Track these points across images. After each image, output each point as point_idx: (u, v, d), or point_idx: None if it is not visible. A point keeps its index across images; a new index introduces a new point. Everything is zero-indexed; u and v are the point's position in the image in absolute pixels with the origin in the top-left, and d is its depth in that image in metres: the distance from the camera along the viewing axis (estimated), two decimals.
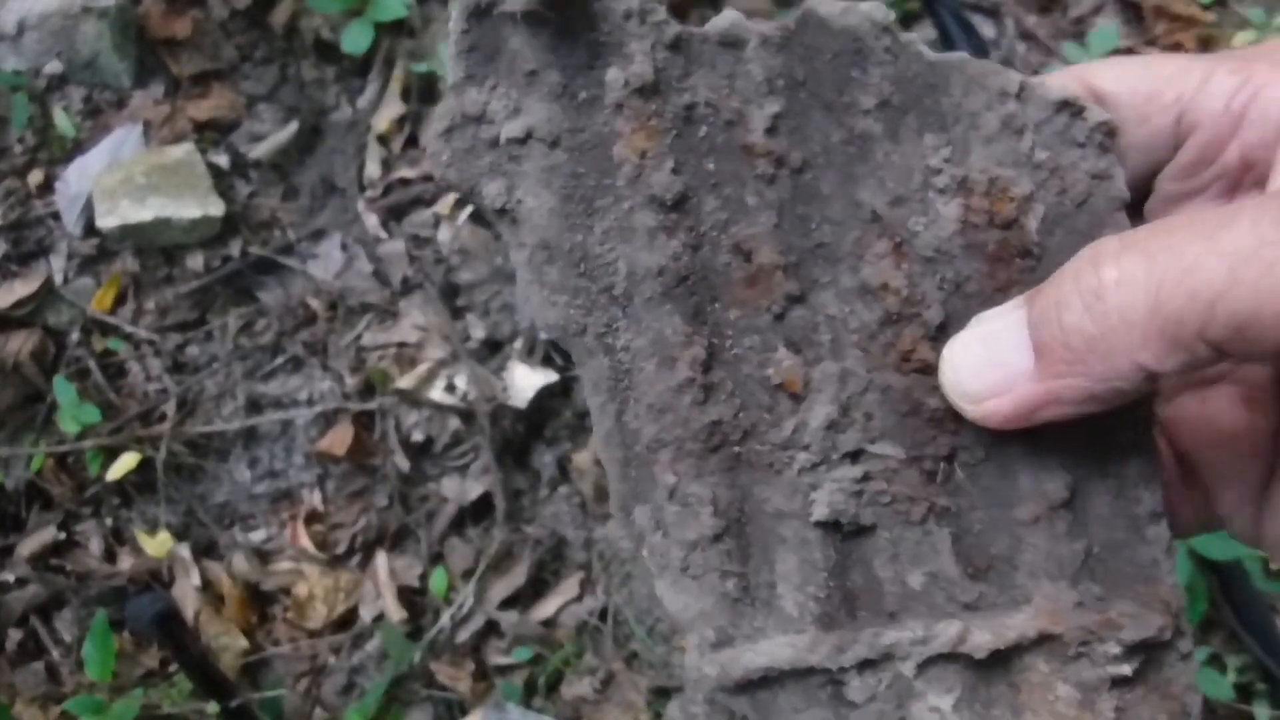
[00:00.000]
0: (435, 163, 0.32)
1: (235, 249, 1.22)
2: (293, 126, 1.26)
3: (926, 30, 1.26)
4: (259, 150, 1.25)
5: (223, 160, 1.24)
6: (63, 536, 1.15)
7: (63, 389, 1.11)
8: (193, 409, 1.18)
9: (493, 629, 1.12)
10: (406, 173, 1.26)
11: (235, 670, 1.09)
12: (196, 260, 1.21)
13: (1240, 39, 1.14)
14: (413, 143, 1.28)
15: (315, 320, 1.21)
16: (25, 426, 1.16)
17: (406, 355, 1.19)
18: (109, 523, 1.16)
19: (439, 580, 1.11)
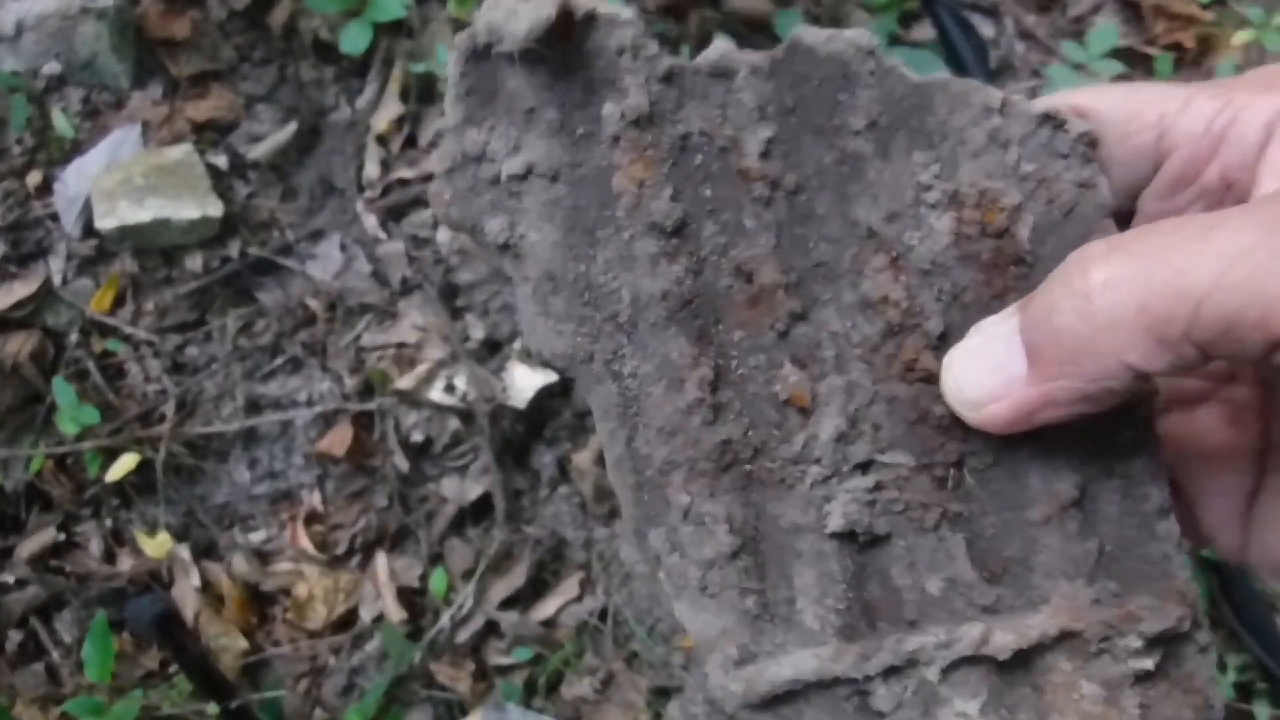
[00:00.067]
0: (438, 203, 0.32)
1: (234, 250, 1.22)
2: (291, 127, 1.26)
3: (925, 30, 1.26)
4: (258, 151, 1.25)
5: (221, 161, 1.24)
6: (62, 538, 1.15)
7: (62, 390, 1.11)
8: (192, 410, 1.18)
9: (493, 629, 1.12)
10: (405, 173, 1.26)
11: (235, 671, 1.09)
12: (195, 261, 1.21)
13: (1239, 38, 1.14)
14: (411, 143, 1.28)
15: (314, 321, 1.21)
16: (24, 428, 1.16)
17: (406, 356, 1.19)
18: (108, 524, 1.16)
19: (439, 581, 1.11)
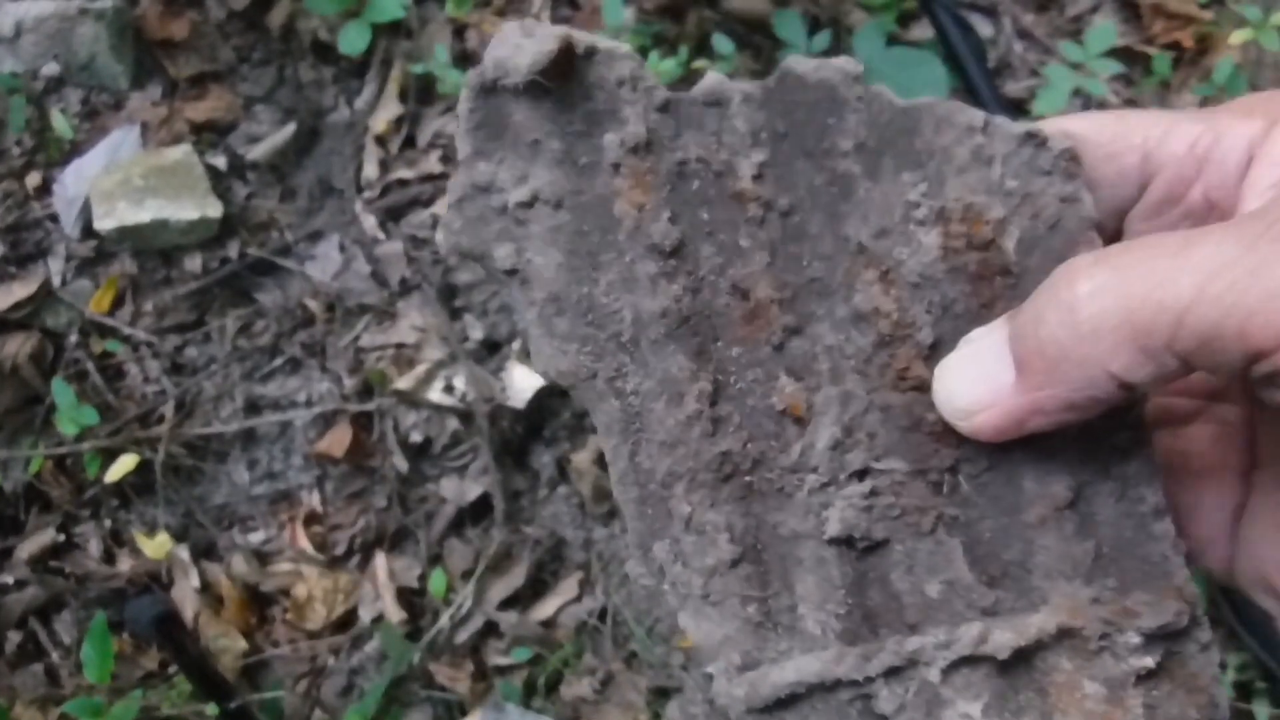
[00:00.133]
0: (449, 232, 0.33)
1: (233, 250, 1.22)
2: (290, 128, 1.26)
3: (924, 29, 1.26)
4: (257, 151, 1.25)
5: (220, 162, 1.24)
6: (61, 538, 1.15)
7: (61, 391, 1.11)
8: (191, 410, 1.18)
9: (492, 629, 1.12)
10: (404, 174, 1.26)
11: (234, 672, 1.09)
12: (194, 262, 1.21)
13: (1237, 37, 1.14)
14: (410, 144, 1.28)
15: (313, 321, 1.21)
16: (24, 429, 1.16)
17: (405, 356, 1.19)
18: (108, 524, 1.16)
19: (438, 581, 1.11)
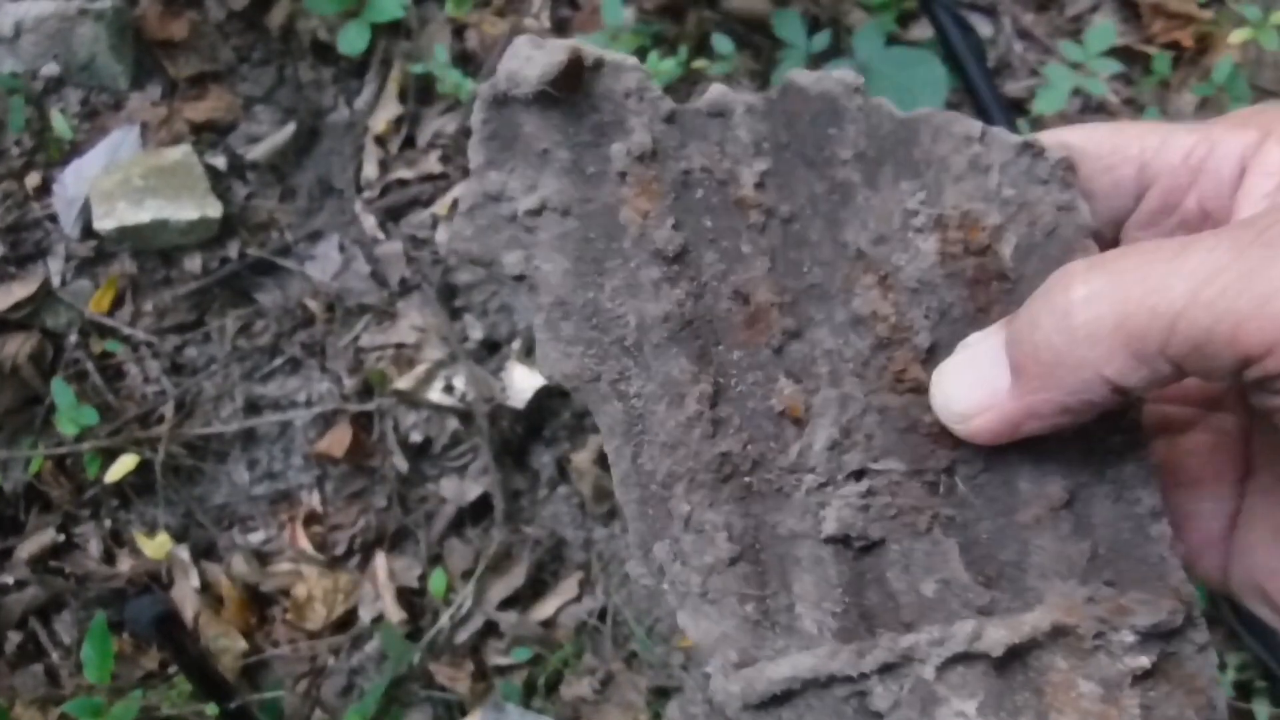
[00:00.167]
0: (459, 239, 0.34)
1: (233, 250, 1.22)
2: (290, 128, 1.26)
3: (924, 29, 1.26)
4: (256, 152, 1.25)
5: (220, 162, 1.24)
6: (61, 539, 1.15)
7: (61, 391, 1.11)
8: (191, 411, 1.18)
9: (492, 629, 1.12)
10: (404, 173, 1.26)
11: (234, 672, 1.09)
12: (194, 262, 1.21)
13: (1237, 36, 1.14)
14: (410, 144, 1.28)
15: (313, 321, 1.21)
16: (24, 429, 1.16)
17: (405, 356, 1.19)
18: (108, 525, 1.16)
19: (438, 581, 1.11)
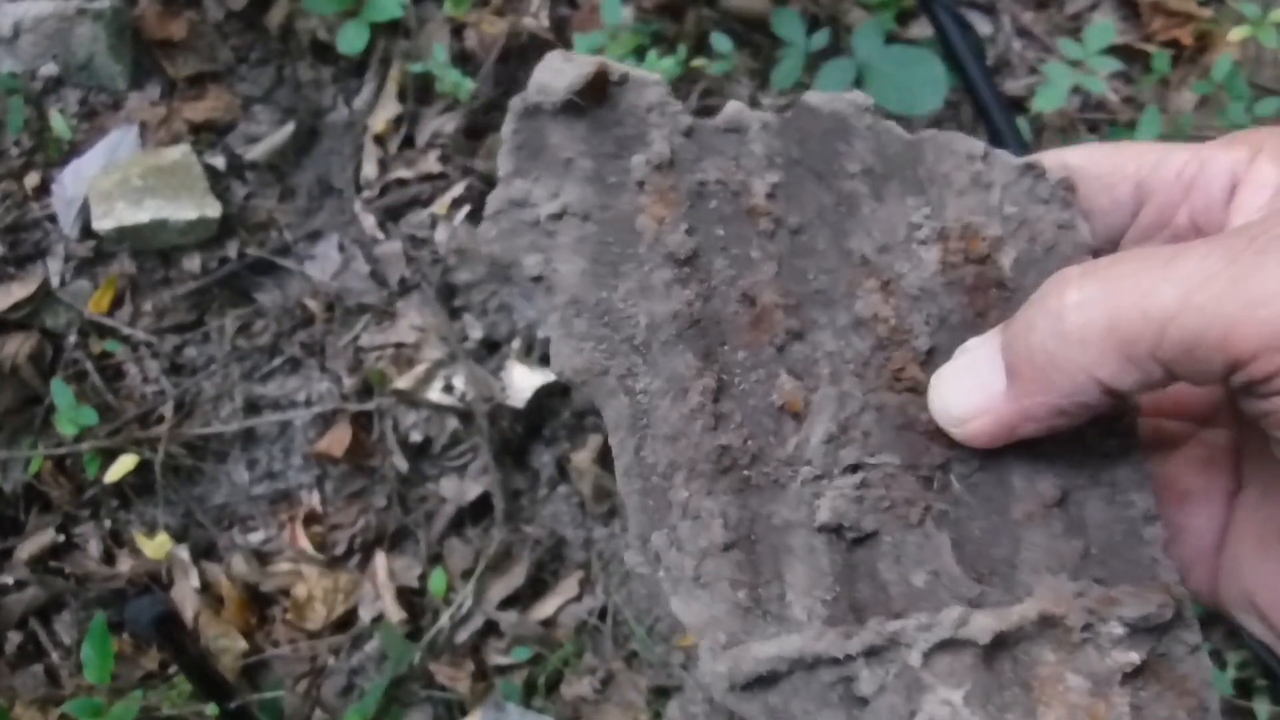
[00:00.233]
0: (484, 240, 0.36)
1: (232, 250, 1.22)
2: (289, 127, 1.26)
3: (923, 28, 1.26)
4: (255, 151, 1.25)
5: (219, 162, 1.24)
6: (61, 539, 1.15)
7: (60, 391, 1.11)
8: (190, 410, 1.18)
9: (492, 629, 1.12)
10: (403, 173, 1.26)
11: (234, 672, 1.09)
12: (193, 262, 1.21)
13: (1236, 34, 1.14)
14: (409, 143, 1.28)
15: (313, 321, 1.21)
16: (23, 429, 1.16)
17: (404, 356, 1.19)
18: (107, 525, 1.16)
19: (438, 581, 1.11)
